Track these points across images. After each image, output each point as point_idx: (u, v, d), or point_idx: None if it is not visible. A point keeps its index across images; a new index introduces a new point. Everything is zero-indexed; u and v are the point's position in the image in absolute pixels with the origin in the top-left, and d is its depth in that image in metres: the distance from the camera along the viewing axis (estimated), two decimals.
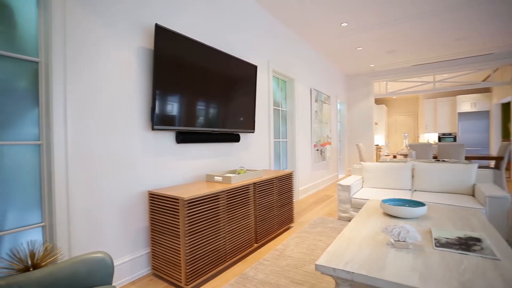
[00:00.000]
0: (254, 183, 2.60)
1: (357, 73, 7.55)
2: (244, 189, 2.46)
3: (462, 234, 1.65)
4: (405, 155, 5.07)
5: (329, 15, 3.96)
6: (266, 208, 2.79)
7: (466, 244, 1.49)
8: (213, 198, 2.11)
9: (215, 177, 2.52)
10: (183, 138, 2.45)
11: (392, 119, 10.85)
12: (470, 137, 8.57)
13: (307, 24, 4.26)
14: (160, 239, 2.06)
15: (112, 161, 1.97)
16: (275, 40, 4.04)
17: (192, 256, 1.92)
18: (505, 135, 8.03)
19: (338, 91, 7.01)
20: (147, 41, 2.21)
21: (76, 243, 1.78)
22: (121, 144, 2.03)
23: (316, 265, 1.31)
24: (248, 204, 2.52)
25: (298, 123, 4.73)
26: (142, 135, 2.17)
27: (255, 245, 2.64)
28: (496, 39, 5.09)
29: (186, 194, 1.95)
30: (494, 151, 7.95)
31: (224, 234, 2.23)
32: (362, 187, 3.81)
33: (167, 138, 2.38)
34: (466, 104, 8.68)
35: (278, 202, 2.99)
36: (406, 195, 3.23)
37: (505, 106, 8.03)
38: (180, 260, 1.91)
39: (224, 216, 2.22)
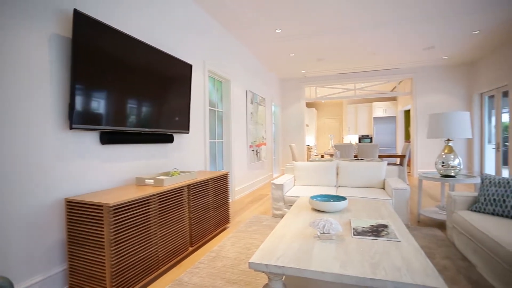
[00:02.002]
0: (188, 185, 2.53)
1: (290, 78, 8.02)
2: (177, 191, 2.37)
3: (374, 222, 1.90)
4: (331, 155, 5.59)
5: (264, 21, 4.11)
6: (202, 210, 2.74)
7: (377, 231, 1.72)
8: (143, 202, 1.98)
9: (146, 180, 2.36)
10: (109, 138, 2.23)
11: (321, 121, 11.84)
12: (383, 138, 9.96)
13: (244, 28, 4.35)
14: (80, 252, 1.84)
15: (17, 166, 1.67)
16: (212, 41, 4.00)
17: (119, 267, 1.76)
18: (407, 137, 9.57)
19: (272, 94, 7.32)
20: (66, 29, 1.94)
21: None
22: (29, 146, 1.74)
23: (249, 263, 1.34)
24: (182, 207, 2.44)
25: (234, 124, 4.78)
26: (58, 136, 1.90)
27: (190, 248, 2.57)
28: (400, 56, 6.02)
29: (112, 199, 1.78)
30: (399, 150, 9.39)
31: (156, 240, 2.11)
32: (294, 185, 4.05)
33: (90, 138, 2.13)
34: (380, 110, 10.06)
35: (213, 203, 2.97)
36: (332, 191, 3.56)
37: (407, 113, 9.57)
38: (104, 274, 1.73)
39: (156, 221, 2.10)
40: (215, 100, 4.42)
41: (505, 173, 5.38)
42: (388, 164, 7.17)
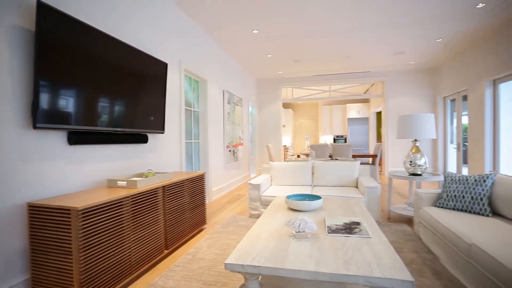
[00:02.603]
0: (163, 187, 2.47)
1: (267, 78, 8.08)
2: (152, 193, 2.30)
3: (347, 220, 1.97)
4: (307, 155, 5.70)
5: (242, 22, 4.11)
6: (177, 211, 2.69)
7: (350, 228, 1.78)
8: (115, 205, 1.90)
9: (119, 182, 2.27)
10: (78, 138, 2.12)
11: (298, 122, 12.05)
12: (356, 139, 10.33)
13: (221, 28, 4.32)
14: (44, 260, 1.73)
15: None
16: (188, 40, 3.93)
17: (88, 274, 1.68)
18: (378, 137, 10.00)
19: (249, 94, 7.34)
20: (29, 21, 1.82)
21: None
22: None
23: (225, 264, 1.33)
24: (157, 209, 2.37)
25: (210, 124, 4.74)
26: (20, 135, 1.78)
27: (166, 251, 2.51)
28: (373, 60, 6.28)
29: (81, 202, 1.70)
30: (372, 150, 9.79)
31: (130, 244, 2.04)
32: (271, 185, 4.09)
33: (57, 138, 2.01)
34: (353, 111, 10.42)
35: (190, 205, 2.92)
36: (308, 190, 3.64)
37: (378, 114, 10.01)
38: (72, 282, 1.64)
39: (129, 224, 2.03)
40: (191, 100, 4.35)
41: (465, 171, 5.79)
42: (361, 163, 7.46)
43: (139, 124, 2.74)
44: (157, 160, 3.22)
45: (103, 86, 2.27)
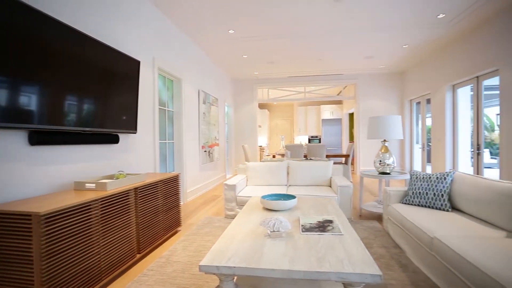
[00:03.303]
0: (135, 188, 2.39)
1: (243, 79, 8.09)
2: (123, 195, 2.22)
3: (321, 218, 2.02)
4: (283, 155, 5.78)
5: (218, 21, 4.08)
6: (151, 214, 2.61)
7: (323, 226, 1.83)
8: (82, 208, 1.81)
9: (87, 184, 2.16)
10: (40, 139, 1.98)
11: (273, 122, 12.18)
12: (330, 139, 10.63)
13: (197, 27, 4.26)
14: (3, 272, 1.60)
15: None
16: (162, 38, 3.83)
17: (51, 284, 1.58)
18: (351, 138, 10.37)
19: (225, 94, 7.30)
20: None
21: None
22: None
23: (200, 266, 1.32)
24: (129, 212, 2.29)
25: (185, 124, 4.65)
26: None
27: (138, 255, 2.43)
28: (345, 63, 6.50)
29: (44, 207, 1.59)
30: (345, 150, 10.13)
31: (99, 249, 1.95)
32: (246, 186, 4.10)
33: (16, 138, 1.87)
34: (327, 112, 10.72)
35: (163, 207, 2.85)
36: (283, 190, 3.69)
37: (351, 115, 10.38)
38: None
39: (98, 229, 1.94)
40: (165, 99, 4.25)
41: (428, 169, 6.18)
42: (334, 163, 7.68)
43: (110, 123, 2.62)
44: (129, 161, 3.10)
45: (70, 83, 2.15)
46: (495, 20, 3.92)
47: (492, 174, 4.50)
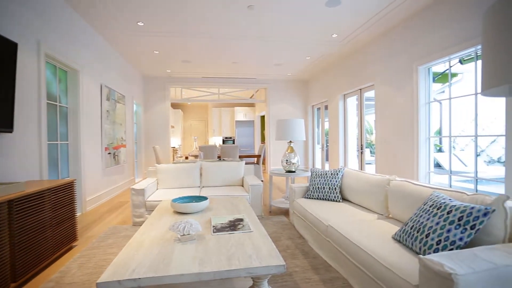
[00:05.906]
0: (9, 201, 1.94)
1: (155, 76, 7.59)
2: None
3: (232, 217, 2.08)
4: (196, 156, 5.69)
5: (125, 10, 3.70)
6: (33, 230, 2.17)
7: (234, 225, 1.89)
8: None
9: None
10: None
11: (188, 123, 11.85)
12: (243, 140, 11.03)
13: (100, 13, 3.75)
14: None
15: None
16: (53, 19, 3.22)
17: None
18: (262, 139, 11.01)
19: (134, 92, 6.70)
20: None
21: None
22: None
23: (97, 284, 1.17)
24: None
25: (84, 123, 4.05)
26: None
27: (13, 285, 1.98)
28: (257, 68, 6.87)
29: None
30: (257, 151, 10.68)
31: None
32: (157, 189, 3.86)
33: None
34: (241, 114, 11.09)
35: (52, 220, 2.41)
36: (196, 192, 3.62)
37: (262, 118, 11.02)
38: None
39: None
40: (56, 93, 3.60)
41: (327, 167, 7.12)
42: (247, 163, 8.00)
43: None
44: (3, 166, 2.50)
45: None
46: (373, 44, 4.83)
47: (371, 169, 5.51)
